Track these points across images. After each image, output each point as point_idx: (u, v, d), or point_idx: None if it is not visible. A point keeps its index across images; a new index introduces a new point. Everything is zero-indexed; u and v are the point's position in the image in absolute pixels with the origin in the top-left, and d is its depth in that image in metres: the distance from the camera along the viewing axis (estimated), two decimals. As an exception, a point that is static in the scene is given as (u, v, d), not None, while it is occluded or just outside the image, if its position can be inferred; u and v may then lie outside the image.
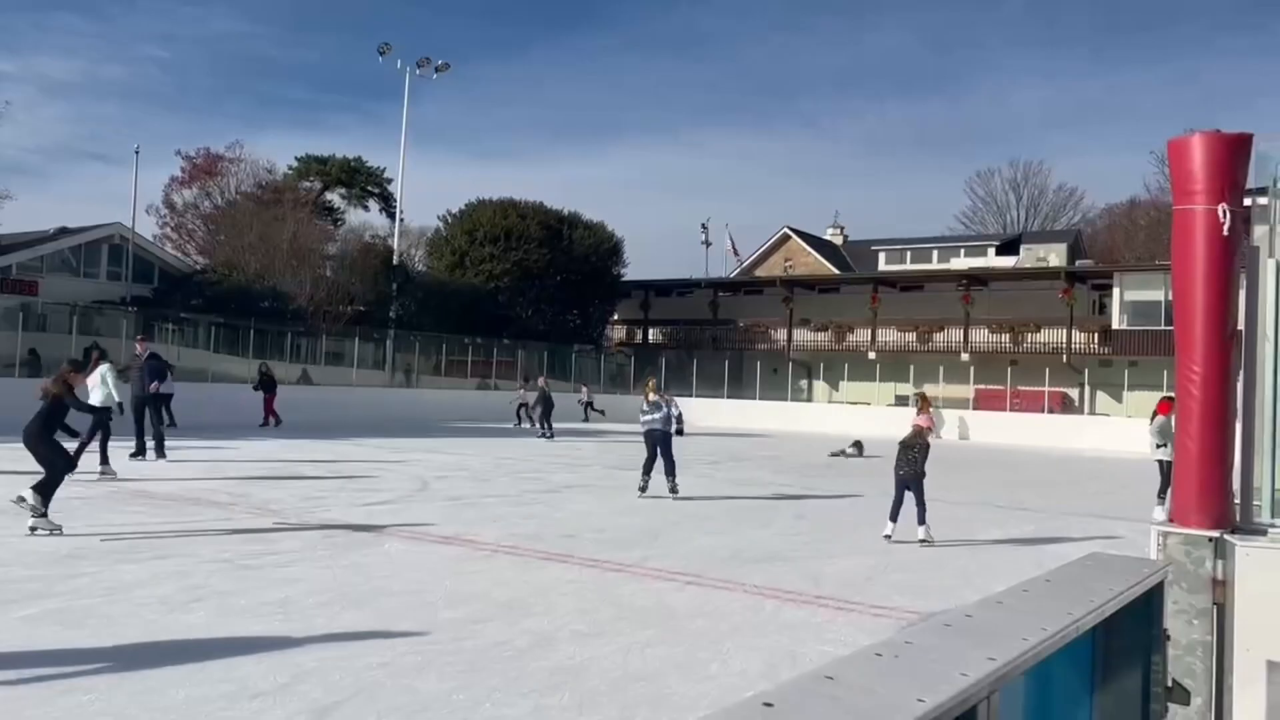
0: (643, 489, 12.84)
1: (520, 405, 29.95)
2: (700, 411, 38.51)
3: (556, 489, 13.77)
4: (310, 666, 4.97)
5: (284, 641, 5.41)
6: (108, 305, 34.54)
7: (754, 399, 40.68)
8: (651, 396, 13.03)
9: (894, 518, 9.88)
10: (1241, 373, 3.47)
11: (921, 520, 9.70)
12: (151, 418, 14.94)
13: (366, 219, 51.65)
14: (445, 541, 8.87)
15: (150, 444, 14.79)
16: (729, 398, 40.79)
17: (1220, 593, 3.11)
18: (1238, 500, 3.42)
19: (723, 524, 10.83)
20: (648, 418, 12.88)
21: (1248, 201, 3.86)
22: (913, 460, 9.93)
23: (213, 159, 46.89)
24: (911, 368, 38.79)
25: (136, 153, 52.26)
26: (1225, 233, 3.21)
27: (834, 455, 23.10)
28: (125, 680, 4.66)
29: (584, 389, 36.73)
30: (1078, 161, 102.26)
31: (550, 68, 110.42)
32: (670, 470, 12.77)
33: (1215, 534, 3.14)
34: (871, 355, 42.34)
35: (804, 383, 45.61)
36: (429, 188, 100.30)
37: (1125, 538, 10.35)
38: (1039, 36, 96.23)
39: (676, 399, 18.34)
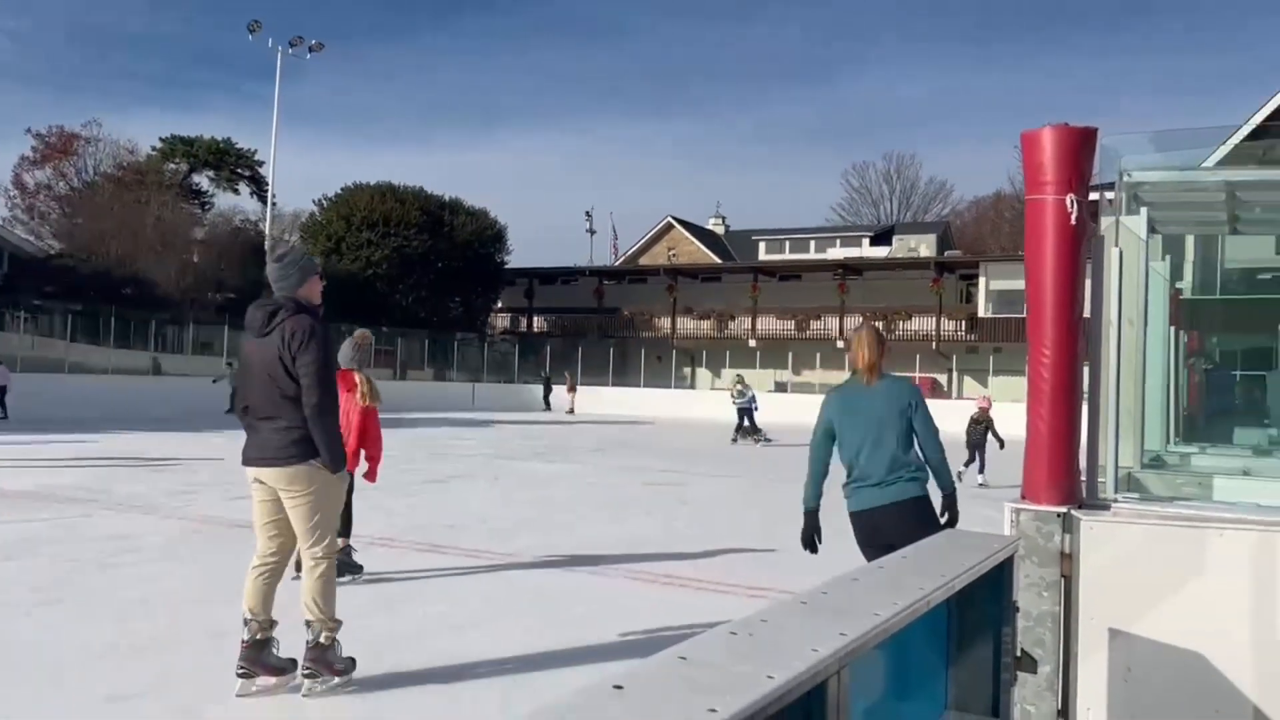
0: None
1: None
2: (585, 400, 38.56)
3: (442, 479, 13.59)
4: (177, 665, 4.78)
5: (148, 641, 5.18)
6: (-52, 291, 32.49)
7: (638, 386, 40.95)
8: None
9: (967, 465, 14.12)
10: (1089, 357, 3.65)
11: (981, 470, 14.23)
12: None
13: (237, 203, 49.81)
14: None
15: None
16: (614, 385, 40.97)
17: (1067, 565, 3.27)
18: (1084, 478, 3.60)
19: (606, 511, 10.86)
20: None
21: (1095, 196, 4.07)
22: (980, 430, 14.41)
23: (68, 138, 44.46)
24: (790, 355, 39.68)
25: (-18, 130, 49.08)
26: (1073, 222, 3.36)
27: (734, 442, 23.42)
28: (-34, 689, 4.38)
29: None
30: (948, 155, 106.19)
31: (432, 50, 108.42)
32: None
33: (1063, 510, 3.30)
34: (752, 343, 43.11)
35: (688, 370, 46.13)
36: (304, 171, 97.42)
37: (992, 516, 10.82)
38: (916, 31, 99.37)
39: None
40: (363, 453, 6.85)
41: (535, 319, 51.07)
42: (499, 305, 51.58)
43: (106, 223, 37.26)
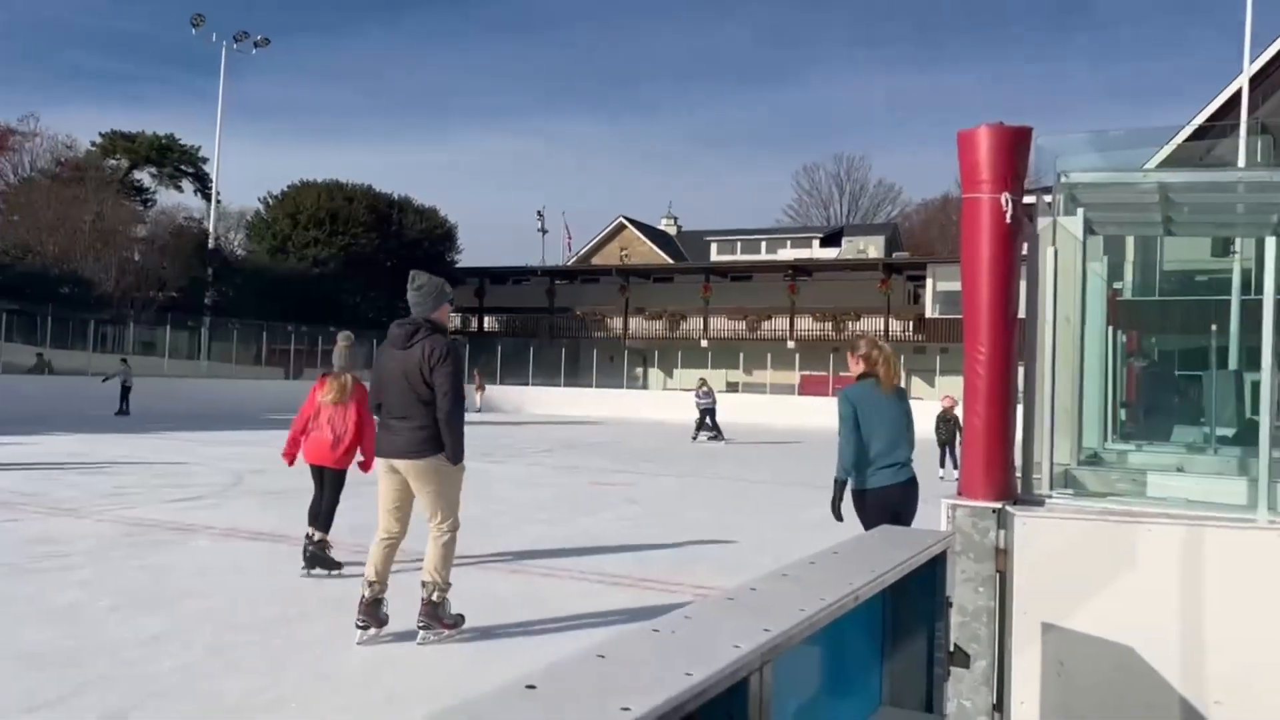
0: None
1: None
2: (536, 400, 38.39)
3: (383, 480, 13.39)
4: (98, 673, 4.64)
5: (70, 649, 5.02)
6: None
7: (590, 387, 40.85)
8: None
9: (942, 464, 15.15)
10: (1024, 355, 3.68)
11: (955, 466, 13.35)
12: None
13: (180, 200, 48.80)
14: (257, 538, 8.48)
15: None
16: (566, 386, 40.82)
17: (1003, 561, 3.29)
18: (1019, 474, 3.63)
19: (553, 512, 10.80)
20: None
21: (1031, 199, 4.10)
22: (949, 427, 15.19)
23: (3, 132, 43.24)
24: (741, 355, 39.86)
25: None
26: (1008, 220, 3.39)
27: (694, 440, 23.73)
28: (-121, 700, 4.21)
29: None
30: (897, 157, 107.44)
31: (380, 47, 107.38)
32: None
33: (999, 505, 3.32)
34: (704, 343, 43.22)
35: (640, 370, 46.12)
36: (249, 168, 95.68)
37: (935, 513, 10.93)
38: (866, 35, 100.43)
39: None
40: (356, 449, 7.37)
41: (486, 319, 50.74)
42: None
43: (43, 219, 36.31)
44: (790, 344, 41.48)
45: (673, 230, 61.57)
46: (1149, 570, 3.12)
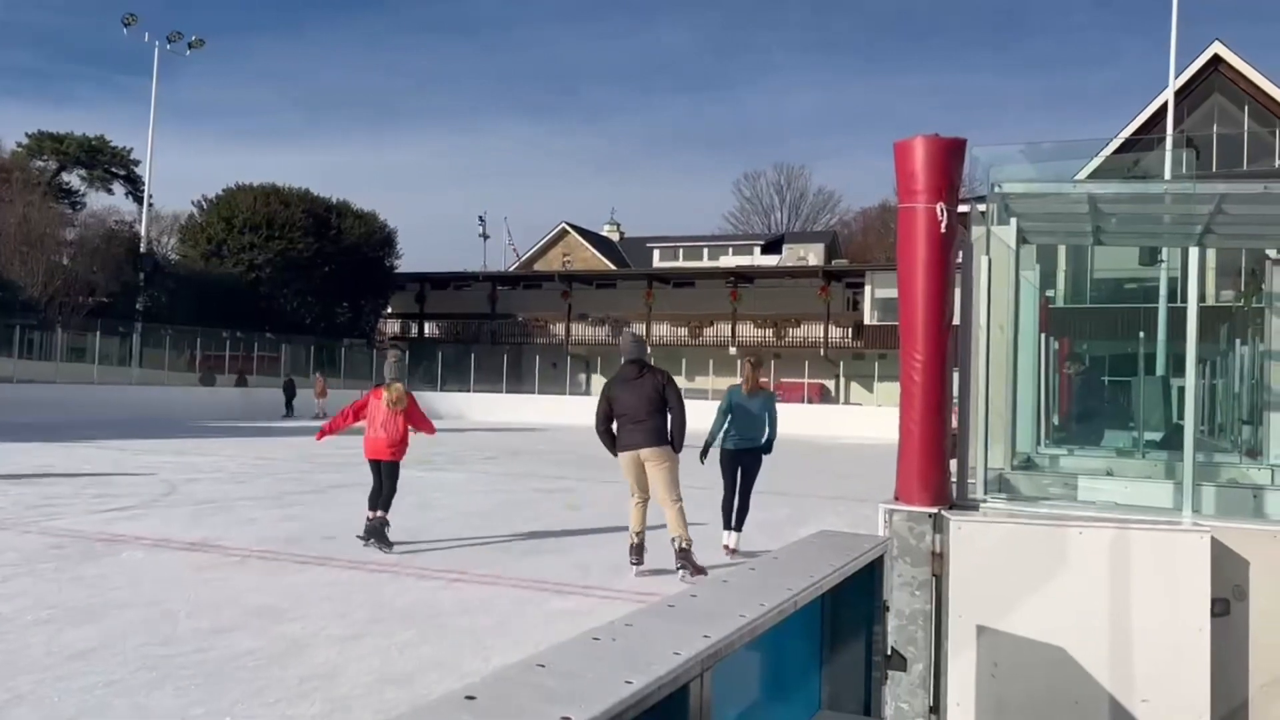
0: None
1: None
2: (478, 406, 38.11)
3: (322, 489, 13.19)
4: (25, 689, 4.49)
5: (-6, 665, 4.86)
6: None
7: (533, 393, 40.66)
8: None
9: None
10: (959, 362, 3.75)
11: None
12: None
13: (111, 203, 47.57)
14: (191, 548, 8.29)
15: None
16: (508, 392, 40.57)
17: (939, 565, 3.35)
18: (954, 479, 3.70)
19: (494, 519, 10.72)
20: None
21: (965, 208, 4.19)
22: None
23: (-76, 131, 41.78)
24: (684, 361, 39.95)
25: None
26: (943, 229, 3.46)
27: None
28: None
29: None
30: (836, 165, 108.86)
31: (317, 48, 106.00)
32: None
33: (934, 510, 3.38)
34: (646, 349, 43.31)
35: (582, 376, 46.04)
36: (183, 171, 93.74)
37: (874, 518, 11.05)
38: (807, 42, 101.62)
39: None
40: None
41: (427, 325, 50.27)
42: (389, 311, 50.60)
43: (-34, 222, 35.18)
44: (732, 350, 41.72)
45: (615, 237, 61.66)
46: (1079, 572, 3.20)
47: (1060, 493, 4.84)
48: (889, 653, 2.87)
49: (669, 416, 7.61)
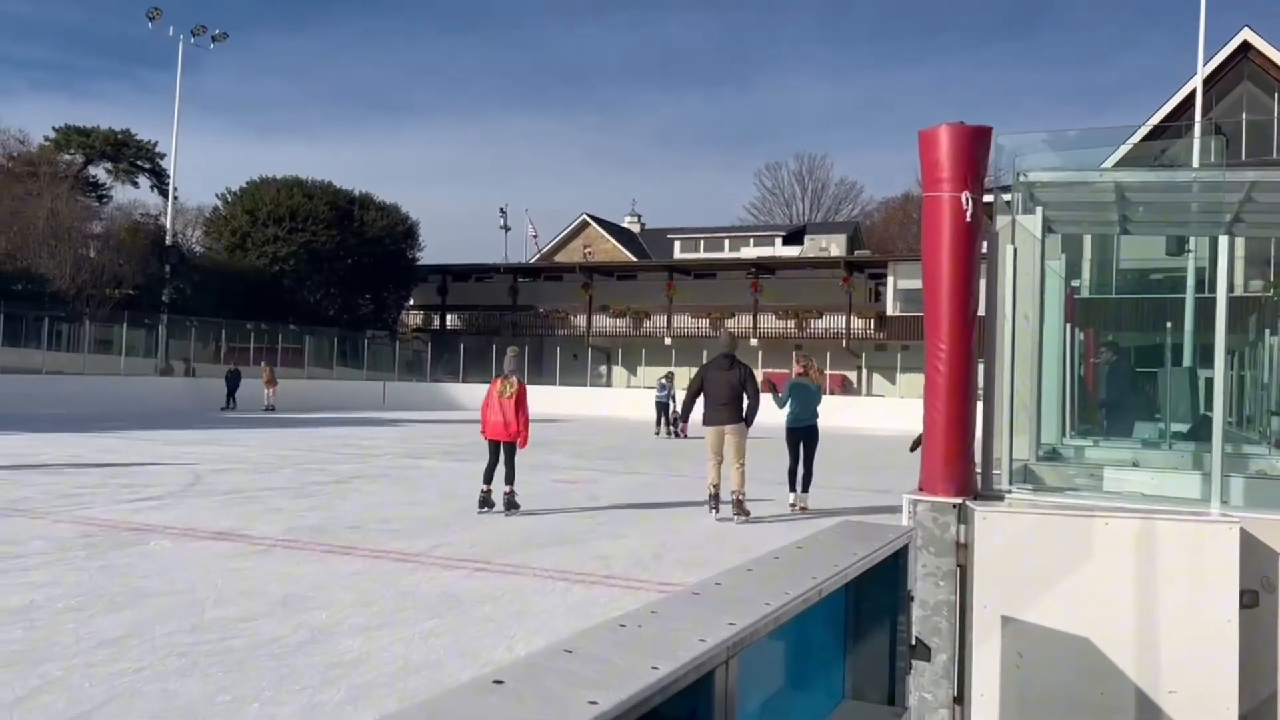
0: None
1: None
2: (498, 398, 38.14)
3: (344, 479, 13.29)
4: (55, 675, 4.56)
5: (26, 650, 4.94)
6: None
7: (554, 384, 40.73)
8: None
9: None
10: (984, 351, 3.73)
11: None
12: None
13: (137, 196, 47.99)
14: (218, 537, 8.37)
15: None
16: (529, 384, 40.60)
17: (963, 555, 3.33)
18: (979, 470, 3.68)
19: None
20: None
21: (990, 198, 4.15)
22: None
23: (-48, 126, 42.25)
24: (705, 352, 39.83)
25: None
26: (968, 219, 3.43)
27: (657, 434, 24.62)
28: None
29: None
30: (858, 156, 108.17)
31: (341, 42, 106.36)
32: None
33: (959, 501, 3.37)
34: (667, 341, 43.28)
35: (603, 368, 46.08)
36: (207, 164, 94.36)
37: (901, 508, 11.03)
38: (827, 35, 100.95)
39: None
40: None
41: (449, 316, 50.43)
42: (411, 302, 50.78)
43: (-5, 215, 35.58)
44: (753, 341, 41.64)
45: (636, 228, 61.55)
46: (1105, 563, 3.18)
47: (1086, 484, 4.80)
48: (913, 643, 2.86)
49: (745, 401, 9.90)
